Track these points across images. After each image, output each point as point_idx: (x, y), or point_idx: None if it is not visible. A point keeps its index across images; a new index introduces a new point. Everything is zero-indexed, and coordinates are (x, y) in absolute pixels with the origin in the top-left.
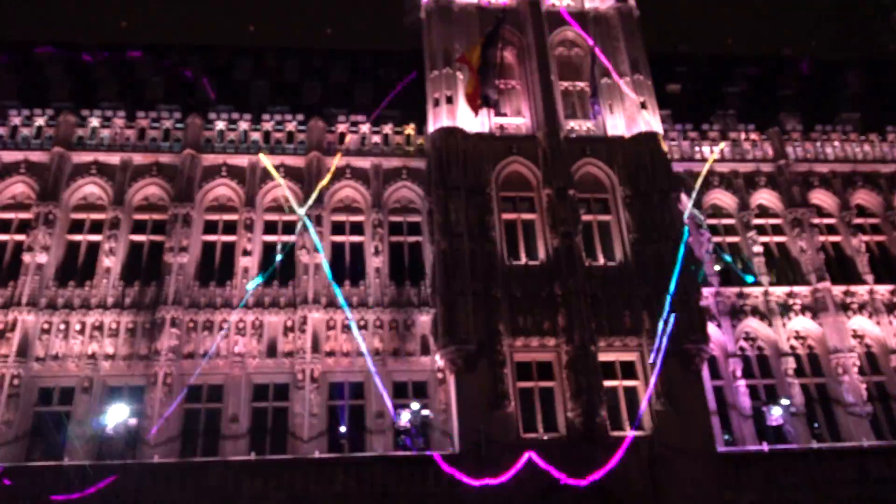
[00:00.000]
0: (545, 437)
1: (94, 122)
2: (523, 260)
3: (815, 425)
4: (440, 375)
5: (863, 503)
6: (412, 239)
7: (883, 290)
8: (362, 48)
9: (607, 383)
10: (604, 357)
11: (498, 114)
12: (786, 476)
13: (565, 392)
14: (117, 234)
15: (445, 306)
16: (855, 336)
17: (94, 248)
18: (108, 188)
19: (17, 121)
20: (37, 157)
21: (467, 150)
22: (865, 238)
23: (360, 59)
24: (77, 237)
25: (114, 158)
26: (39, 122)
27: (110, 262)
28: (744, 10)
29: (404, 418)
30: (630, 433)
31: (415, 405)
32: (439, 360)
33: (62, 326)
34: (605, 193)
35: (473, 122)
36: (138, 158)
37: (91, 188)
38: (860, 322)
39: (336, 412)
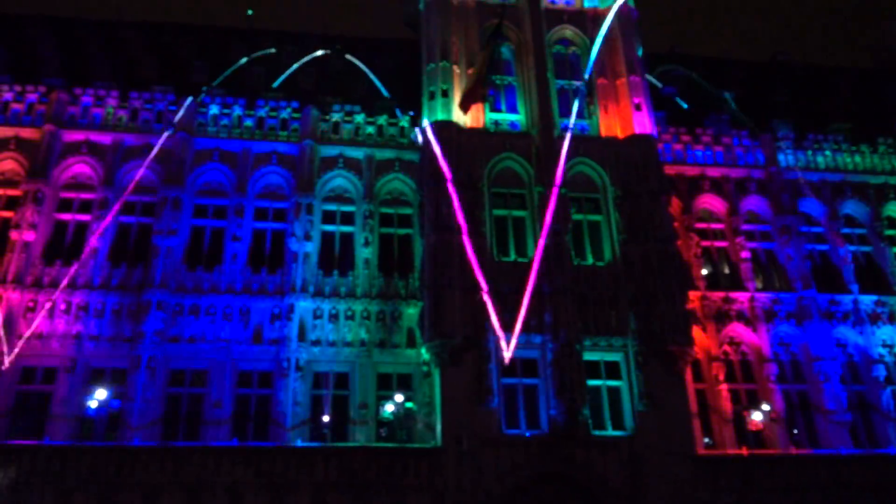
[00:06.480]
0: (527, 434)
1: (87, 100)
2: (512, 256)
3: (795, 431)
4: (425, 368)
5: None
6: (402, 231)
7: (867, 300)
8: (360, 36)
9: (591, 382)
10: (589, 356)
11: (493, 109)
12: (763, 480)
13: (549, 390)
14: (106, 215)
15: (433, 300)
16: (838, 345)
17: (82, 228)
18: (99, 168)
19: (8, 96)
20: (27, 133)
21: (461, 145)
22: (852, 248)
23: (358, 48)
24: (65, 216)
25: (105, 138)
26: (31, 98)
27: (98, 243)
28: (742, 14)
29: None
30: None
31: (399, 397)
32: (425, 354)
33: (47, 305)
34: (596, 193)
35: (468, 116)
36: (130, 139)
37: (81, 167)
38: (844, 331)
39: (320, 401)
